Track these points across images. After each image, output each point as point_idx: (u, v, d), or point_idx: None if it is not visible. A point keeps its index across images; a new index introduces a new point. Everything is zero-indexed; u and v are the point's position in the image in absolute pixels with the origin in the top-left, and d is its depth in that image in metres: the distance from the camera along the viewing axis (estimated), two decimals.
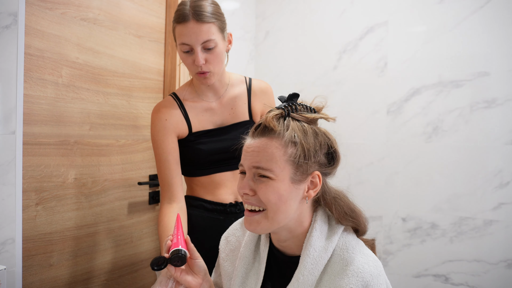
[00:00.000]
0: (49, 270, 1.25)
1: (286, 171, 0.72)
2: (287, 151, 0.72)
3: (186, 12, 1.04)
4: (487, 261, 1.58)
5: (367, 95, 1.85)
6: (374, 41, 1.84)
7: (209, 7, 1.07)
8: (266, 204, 0.73)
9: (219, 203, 1.20)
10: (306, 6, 2.02)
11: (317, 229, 0.76)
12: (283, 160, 0.72)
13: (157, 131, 1.14)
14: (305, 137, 0.74)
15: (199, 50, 1.06)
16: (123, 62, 1.48)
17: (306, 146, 0.73)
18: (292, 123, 0.74)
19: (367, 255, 0.75)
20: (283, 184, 0.72)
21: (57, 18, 1.24)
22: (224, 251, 0.93)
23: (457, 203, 1.65)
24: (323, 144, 0.76)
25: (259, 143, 0.74)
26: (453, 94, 1.66)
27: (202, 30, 1.04)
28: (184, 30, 1.05)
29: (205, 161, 1.18)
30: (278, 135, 0.73)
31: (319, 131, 0.77)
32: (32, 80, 1.18)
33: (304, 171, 0.73)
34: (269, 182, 0.73)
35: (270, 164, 0.72)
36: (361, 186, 1.86)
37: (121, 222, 1.50)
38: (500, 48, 1.57)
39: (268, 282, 0.82)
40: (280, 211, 0.73)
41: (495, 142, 1.58)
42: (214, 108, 1.20)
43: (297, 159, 0.72)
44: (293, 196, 0.74)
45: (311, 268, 0.73)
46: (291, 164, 0.72)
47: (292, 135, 0.73)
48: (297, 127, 0.74)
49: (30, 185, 1.19)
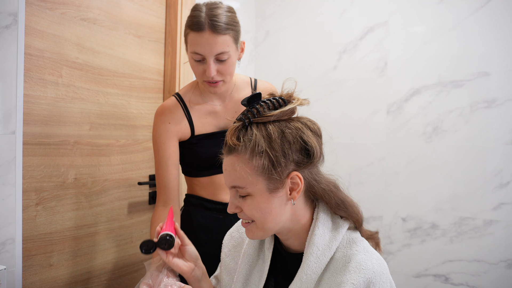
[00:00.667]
0: (49, 270, 1.25)
1: (260, 184, 0.71)
2: (254, 164, 0.70)
3: (202, 20, 1.00)
4: (487, 261, 1.58)
5: (367, 95, 1.85)
6: (374, 41, 1.84)
7: (225, 16, 1.02)
8: (254, 219, 0.74)
9: (219, 202, 1.20)
10: (306, 6, 2.02)
11: (319, 227, 0.75)
12: (253, 175, 0.70)
13: (159, 134, 1.13)
14: (270, 143, 0.70)
15: (211, 62, 1.03)
16: (123, 62, 1.48)
17: (272, 153, 0.69)
18: (255, 132, 0.71)
19: (370, 252, 0.74)
20: (261, 197, 0.71)
21: (57, 18, 1.24)
22: (227, 246, 0.93)
23: (457, 203, 1.65)
24: (293, 141, 0.71)
25: (228, 162, 0.74)
26: (453, 94, 1.66)
27: (217, 42, 1.01)
28: (198, 39, 1.01)
29: (206, 163, 1.18)
30: (240, 151, 0.71)
31: (287, 128, 0.71)
32: (32, 80, 1.18)
33: (278, 178, 0.70)
34: (249, 199, 0.72)
35: (242, 182, 0.71)
36: (361, 186, 1.86)
37: (121, 222, 1.50)
38: (500, 48, 1.57)
39: (271, 279, 0.82)
40: (268, 221, 0.73)
41: (495, 142, 1.58)
42: (218, 112, 1.19)
43: (266, 169, 0.70)
44: (276, 205, 0.72)
45: (314, 266, 0.72)
46: (262, 175, 0.70)
47: (255, 146, 0.70)
48: (261, 135, 0.70)
49: (30, 185, 1.19)
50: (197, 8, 1.04)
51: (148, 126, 1.60)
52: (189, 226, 1.21)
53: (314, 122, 0.76)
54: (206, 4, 1.04)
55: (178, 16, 1.62)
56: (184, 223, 1.22)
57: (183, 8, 1.64)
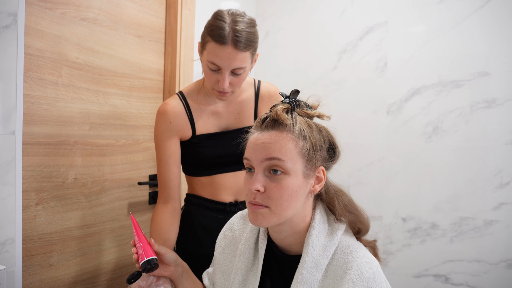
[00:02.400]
0: (49, 270, 1.25)
1: (299, 165, 0.72)
2: (299, 144, 0.72)
3: (226, 33, 0.99)
4: (487, 261, 1.58)
5: (367, 95, 1.85)
6: (374, 41, 1.84)
7: (248, 33, 1.01)
8: (275, 202, 0.71)
9: (219, 202, 1.20)
10: (306, 6, 2.02)
11: (315, 228, 0.76)
12: (295, 153, 0.72)
13: (160, 133, 1.13)
14: (312, 132, 0.74)
15: (227, 75, 1.03)
16: (123, 62, 1.48)
17: (313, 140, 0.74)
18: (299, 118, 0.75)
19: (371, 260, 0.73)
20: (297, 179, 0.72)
21: (57, 18, 1.24)
22: (221, 245, 0.93)
23: (457, 203, 1.65)
24: (325, 139, 0.77)
25: (270, 136, 0.72)
26: (453, 94, 1.66)
27: (237, 58, 1.01)
28: (218, 51, 1.00)
29: (206, 163, 1.18)
30: (288, 128, 0.73)
31: (321, 126, 0.78)
32: (32, 80, 1.18)
33: (312, 165, 0.74)
34: (282, 178, 0.71)
35: (284, 155, 0.71)
36: (361, 186, 1.86)
37: (121, 222, 1.50)
38: (500, 48, 1.57)
39: (267, 280, 0.82)
40: (289, 207, 0.72)
41: (495, 142, 1.58)
42: (220, 112, 1.19)
43: (307, 152, 0.73)
44: (303, 191, 0.74)
45: (310, 267, 0.72)
46: (302, 157, 0.72)
47: (302, 128, 0.73)
48: (304, 122, 0.75)
49: (30, 185, 1.19)
50: (221, 17, 1.01)
51: (148, 126, 1.60)
52: (189, 226, 1.21)
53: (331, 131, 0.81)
54: (230, 14, 1.02)
55: (178, 16, 1.62)
56: (185, 223, 1.22)
57: (183, 8, 1.64)
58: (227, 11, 1.04)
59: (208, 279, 0.96)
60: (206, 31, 1.04)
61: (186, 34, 1.66)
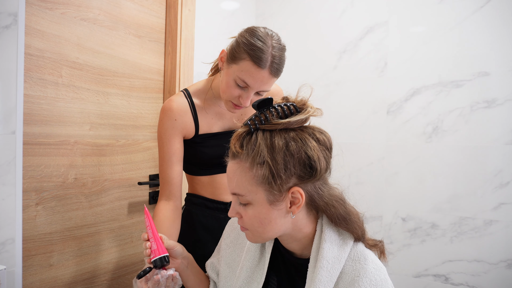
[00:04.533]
0: (49, 270, 1.25)
1: (260, 194, 0.70)
2: (254, 173, 0.69)
3: (266, 57, 0.99)
4: (487, 261, 1.58)
5: (367, 95, 1.85)
6: (374, 41, 1.84)
7: (283, 59, 1.04)
8: (251, 228, 0.74)
9: (220, 202, 1.20)
10: (306, 6, 2.02)
11: (327, 240, 0.73)
12: (253, 184, 0.69)
13: (164, 130, 1.13)
14: (273, 154, 0.67)
15: (252, 94, 1.05)
16: (123, 62, 1.48)
17: (274, 165, 0.67)
18: (259, 139, 0.69)
19: (379, 266, 0.73)
20: (262, 207, 0.71)
21: (57, 18, 1.24)
22: (229, 237, 0.94)
23: (457, 203, 1.65)
24: (297, 155, 0.68)
25: (230, 168, 0.73)
26: (453, 94, 1.66)
27: (270, 82, 1.04)
28: (254, 73, 1.00)
29: (208, 163, 1.18)
30: (242, 158, 0.70)
31: (292, 140, 0.69)
32: (32, 80, 1.18)
33: (278, 190, 0.69)
34: (249, 207, 0.72)
35: (241, 189, 0.71)
36: (361, 186, 1.86)
37: (121, 222, 1.50)
38: (500, 48, 1.57)
39: (273, 277, 0.82)
40: (266, 230, 0.73)
41: (495, 142, 1.58)
42: (224, 114, 1.19)
43: (266, 180, 0.68)
44: (275, 216, 0.71)
45: (326, 281, 0.71)
46: (262, 185, 0.69)
47: (257, 155, 0.68)
48: (264, 143, 0.68)
49: (30, 185, 1.19)
50: (262, 38, 1.01)
51: (148, 126, 1.60)
52: (190, 225, 1.22)
53: (325, 134, 0.73)
54: (271, 38, 1.03)
55: (178, 16, 1.62)
56: (186, 222, 1.22)
57: (183, 8, 1.64)
58: (265, 31, 1.03)
59: (212, 269, 0.96)
60: (244, 48, 1.01)
61: (186, 34, 1.66)
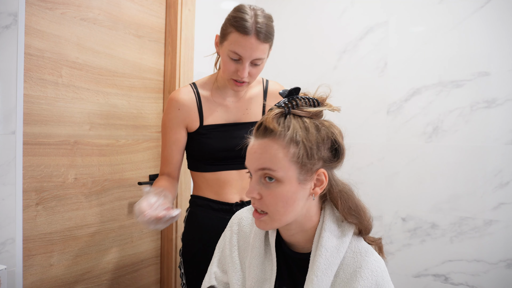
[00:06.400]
0: (49, 270, 1.25)
1: (292, 172, 0.71)
2: (290, 151, 0.71)
3: (249, 25, 1.05)
4: (487, 261, 1.58)
5: (367, 95, 1.85)
6: (374, 41, 1.84)
7: (269, 25, 1.08)
8: (272, 209, 0.73)
9: (225, 203, 1.20)
10: (306, 6, 2.02)
11: (327, 229, 0.76)
12: (286, 161, 0.71)
13: (169, 119, 1.19)
14: (307, 135, 0.72)
15: (247, 65, 1.09)
16: (123, 62, 1.48)
17: (308, 145, 0.71)
18: (293, 121, 0.73)
19: (377, 257, 0.75)
20: (291, 186, 0.72)
21: (57, 18, 1.24)
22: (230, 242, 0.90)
23: (457, 203, 1.65)
24: (326, 139, 0.74)
25: (261, 145, 0.73)
26: (453, 94, 1.66)
27: (259, 48, 1.07)
28: (242, 41, 1.06)
29: (212, 156, 1.19)
30: (279, 135, 0.72)
31: (322, 125, 0.75)
32: (32, 80, 1.18)
33: (309, 170, 0.72)
34: (275, 186, 0.72)
35: (274, 164, 0.71)
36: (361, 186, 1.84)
37: (121, 222, 1.50)
38: (500, 48, 1.57)
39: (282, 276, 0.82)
40: (287, 212, 0.73)
41: (495, 142, 1.58)
42: (230, 107, 1.22)
43: (300, 158, 0.71)
44: (300, 196, 0.73)
45: (325, 268, 0.72)
46: (295, 164, 0.71)
47: (293, 134, 0.71)
48: (299, 125, 0.72)
49: (30, 185, 1.19)
50: (243, 10, 1.08)
51: (148, 126, 1.60)
52: (195, 227, 1.22)
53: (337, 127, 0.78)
54: (252, 9, 1.09)
55: (178, 16, 1.62)
56: (191, 225, 1.23)
57: (183, 8, 1.64)
58: (247, 5, 1.10)
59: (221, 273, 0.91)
60: (228, 22, 1.09)
61: (186, 34, 1.66)
